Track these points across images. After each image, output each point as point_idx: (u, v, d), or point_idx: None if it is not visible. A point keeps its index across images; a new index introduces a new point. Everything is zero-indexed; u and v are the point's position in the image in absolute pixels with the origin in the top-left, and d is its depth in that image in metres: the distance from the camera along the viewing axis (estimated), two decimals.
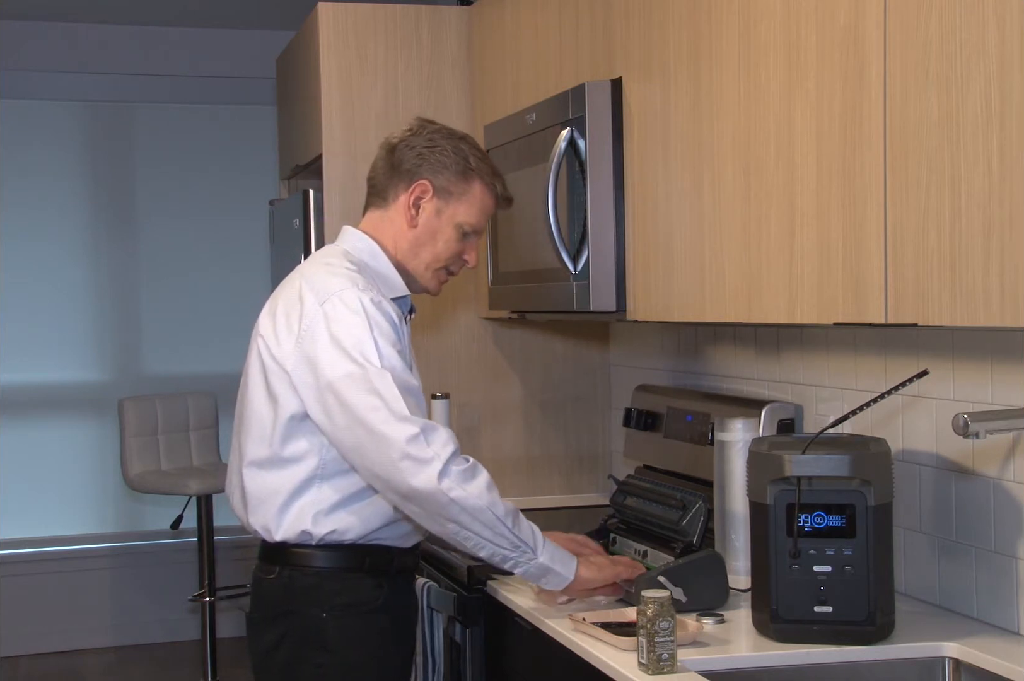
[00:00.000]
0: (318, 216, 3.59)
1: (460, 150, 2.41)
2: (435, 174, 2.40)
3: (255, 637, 2.43)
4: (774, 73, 2.10)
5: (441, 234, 2.42)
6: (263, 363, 2.33)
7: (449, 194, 2.41)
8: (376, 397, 2.19)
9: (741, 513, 2.50)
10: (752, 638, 2.19)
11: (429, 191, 2.40)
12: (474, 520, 2.19)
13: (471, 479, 2.19)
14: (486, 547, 2.24)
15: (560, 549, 2.33)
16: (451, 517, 2.19)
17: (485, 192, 2.43)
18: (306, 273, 2.38)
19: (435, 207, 2.41)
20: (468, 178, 2.41)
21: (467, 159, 2.41)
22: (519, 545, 2.25)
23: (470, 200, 2.42)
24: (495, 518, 2.20)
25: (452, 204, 2.41)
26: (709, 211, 2.32)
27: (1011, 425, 1.96)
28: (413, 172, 2.40)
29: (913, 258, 1.78)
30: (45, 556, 5.75)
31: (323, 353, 2.24)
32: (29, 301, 5.77)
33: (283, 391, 2.29)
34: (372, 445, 2.19)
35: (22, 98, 5.70)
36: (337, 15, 3.56)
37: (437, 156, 2.40)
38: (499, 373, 3.68)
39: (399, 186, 2.42)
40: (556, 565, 2.30)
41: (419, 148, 2.41)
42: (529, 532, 2.27)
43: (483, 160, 2.44)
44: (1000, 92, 1.62)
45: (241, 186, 5.92)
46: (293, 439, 2.30)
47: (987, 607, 2.23)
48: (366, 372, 2.21)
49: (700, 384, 3.23)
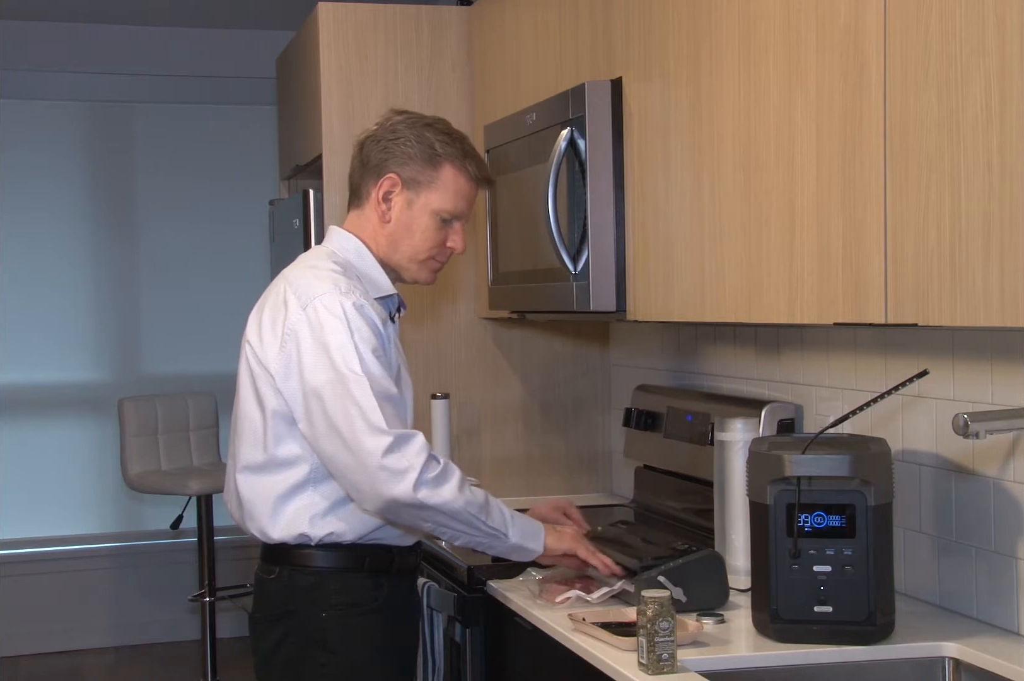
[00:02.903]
0: (318, 216, 3.59)
1: (424, 138, 2.38)
2: (402, 166, 2.38)
3: (257, 637, 2.43)
4: (774, 73, 2.10)
5: (417, 225, 2.39)
6: (251, 368, 2.34)
7: (418, 184, 2.38)
8: (354, 405, 2.21)
9: (741, 513, 2.50)
10: (752, 638, 2.19)
11: (398, 184, 2.38)
12: (451, 519, 2.27)
13: (444, 482, 2.23)
14: (461, 538, 2.32)
15: (528, 521, 2.42)
16: (428, 519, 2.26)
17: (457, 176, 2.39)
18: (290, 277, 2.37)
19: (406, 199, 2.39)
20: (436, 164, 2.38)
21: (432, 146, 2.37)
22: (492, 533, 2.33)
23: (442, 186, 2.38)
24: (470, 516, 2.28)
25: (423, 193, 2.38)
26: (709, 211, 2.32)
27: (1011, 425, 1.96)
28: (381, 166, 2.39)
29: (913, 258, 1.78)
30: (45, 556, 5.75)
31: (305, 358, 2.25)
32: (29, 301, 5.77)
33: (270, 394, 2.30)
34: (348, 454, 2.21)
35: (22, 98, 5.70)
36: (337, 15, 3.56)
37: (401, 147, 2.38)
38: (499, 373, 3.68)
39: (370, 183, 2.41)
40: (527, 542, 2.39)
41: (384, 141, 2.39)
42: (500, 517, 2.34)
43: (451, 144, 2.39)
44: (1000, 92, 1.62)
45: (241, 186, 5.92)
46: (284, 443, 2.31)
47: (987, 607, 2.22)
48: (344, 379, 2.22)
49: (700, 384, 3.23)
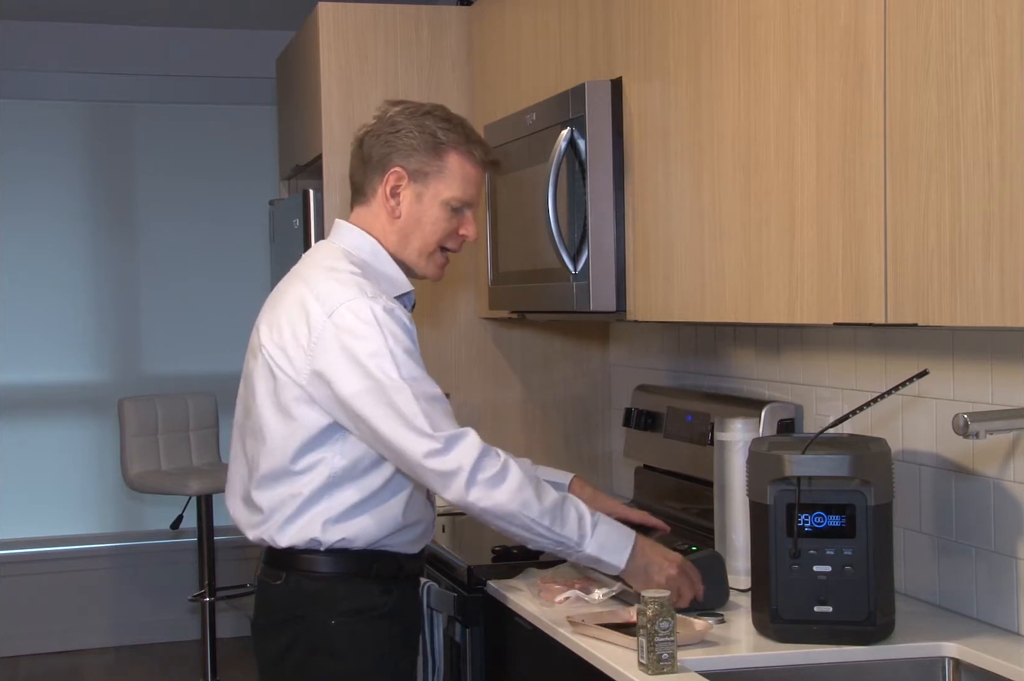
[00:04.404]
0: (318, 216, 3.59)
1: (425, 127, 2.33)
2: (406, 158, 2.32)
3: (262, 643, 2.38)
4: (774, 73, 2.10)
5: (427, 217, 2.34)
6: (273, 376, 2.26)
7: (425, 175, 2.32)
8: (393, 411, 2.15)
9: (741, 513, 2.50)
10: (752, 638, 2.19)
11: (404, 177, 2.33)
12: (510, 524, 2.20)
13: (500, 484, 2.17)
14: (531, 542, 2.25)
15: (615, 531, 2.28)
16: (489, 522, 2.21)
17: (463, 162, 2.34)
18: (309, 279, 2.30)
19: (414, 192, 2.33)
20: (441, 153, 2.32)
21: (435, 134, 2.32)
22: (560, 541, 2.23)
23: (450, 175, 2.33)
24: (529, 520, 2.19)
25: (432, 184, 2.33)
26: (709, 211, 2.31)
27: (1011, 425, 1.96)
28: (384, 161, 2.33)
29: (913, 258, 1.78)
30: (45, 556, 5.75)
31: (337, 368, 2.18)
32: (29, 301, 5.76)
33: (298, 406, 2.24)
34: (396, 458, 2.21)
35: (22, 98, 5.70)
36: (337, 15, 3.56)
37: (403, 139, 2.32)
38: (499, 373, 3.68)
39: (375, 179, 2.35)
40: (604, 554, 2.25)
41: (384, 135, 2.34)
42: (574, 524, 2.23)
43: (452, 130, 2.34)
44: (1000, 92, 1.62)
45: (241, 186, 5.92)
46: (308, 451, 2.25)
47: (987, 607, 2.22)
48: (383, 387, 2.16)
49: (700, 384, 3.23)
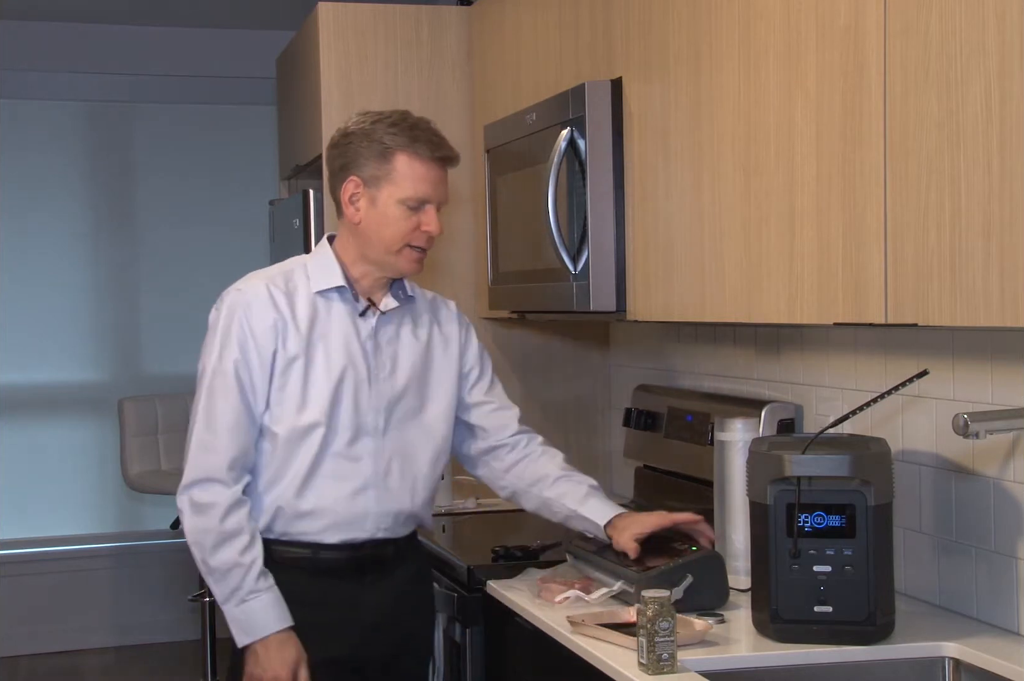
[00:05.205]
0: (318, 216, 3.59)
1: (372, 133, 2.39)
2: (360, 167, 2.39)
3: None
4: (774, 73, 2.10)
5: (385, 219, 2.39)
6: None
7: (378, 180, 2.38)
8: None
9: (741, 513, 2.50)
10: (752, 638, 2.19)
11: (360, 185, 2.39)
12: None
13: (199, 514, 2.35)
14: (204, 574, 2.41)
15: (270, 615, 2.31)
16: None
17: (412, 161, 2.38)
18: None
19: (369, 198, 2.39)
20: (388, 156, 2.38)
21: (381, 140, 2.38)
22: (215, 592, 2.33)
23: (399, 176, 2.37)
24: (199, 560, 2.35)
25: (384, 187, 2.38)
26: (709, 211, 2.32)
27: (1011, 425, 1.97)
28: (343, 171, 2.42)
29: (913, 258, 1.78)
30: (45, 556, 5.74)
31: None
32: (29, 301, 5.76)
33: None
34: None
35: (22, 98, 5.70)
36: (337, 15, 3.56)
37: (354, 148, 2.40)
38: (499, 373, 3.65)
39: (337, 189, 2.44)
40: (237, 630, 2.33)
41: (340, 146, 2.43)
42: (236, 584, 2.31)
43: (399, 134, 2.38)
44: (1000, 92, 1.62)
45: (241, 186, 5.91)
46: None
47: (987, 607, 2.22)
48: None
49: (700, 384, 3.23)
